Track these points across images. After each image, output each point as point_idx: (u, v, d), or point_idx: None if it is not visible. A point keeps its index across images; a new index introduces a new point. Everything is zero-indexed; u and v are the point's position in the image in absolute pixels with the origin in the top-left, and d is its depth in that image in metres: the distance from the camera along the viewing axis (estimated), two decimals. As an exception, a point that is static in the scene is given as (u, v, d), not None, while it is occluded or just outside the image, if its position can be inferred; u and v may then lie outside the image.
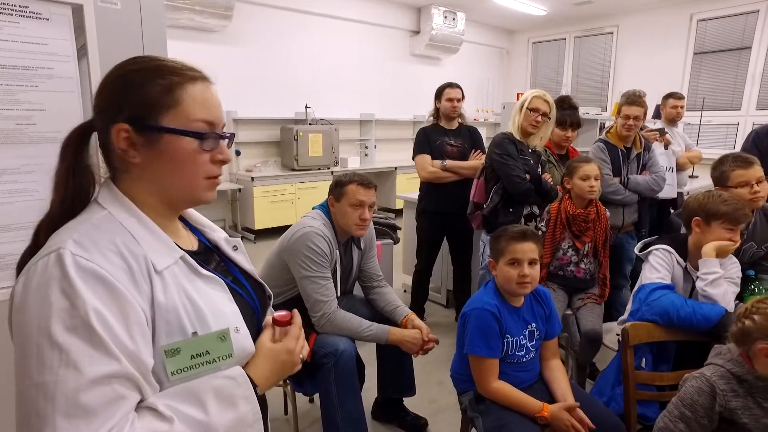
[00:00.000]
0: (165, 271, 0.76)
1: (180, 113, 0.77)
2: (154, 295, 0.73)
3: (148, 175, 0.79)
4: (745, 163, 2.09)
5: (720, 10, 6.68)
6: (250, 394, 0.79)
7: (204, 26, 5.49)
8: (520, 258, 1.65)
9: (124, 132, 0.75)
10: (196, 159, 0.79)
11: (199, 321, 0.77)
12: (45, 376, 0.63)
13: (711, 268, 1.74)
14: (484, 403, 1.67)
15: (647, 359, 1.78)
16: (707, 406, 1.32)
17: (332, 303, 1.89)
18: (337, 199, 1.97)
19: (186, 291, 0.77)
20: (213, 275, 0.84)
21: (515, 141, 2.52)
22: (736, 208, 1.77)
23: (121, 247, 0.72)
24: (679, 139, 4.12)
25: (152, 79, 0.77)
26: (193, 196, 0.82)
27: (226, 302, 0.83)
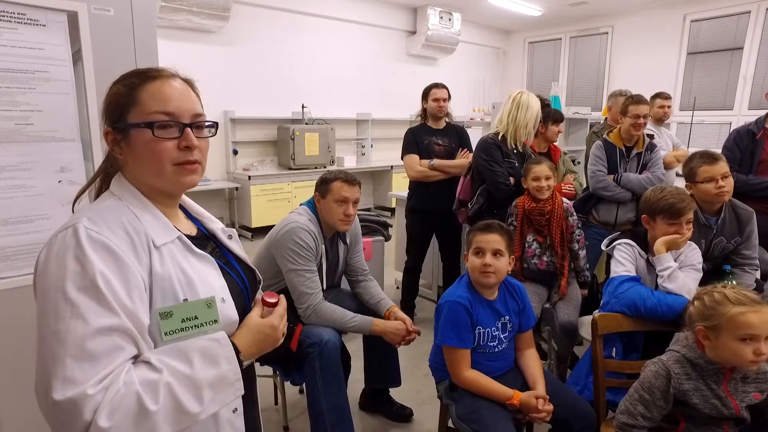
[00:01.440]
0: (163, 247, 0.89)
1: (139, 109, 0.89)
2: (152, 265, 0.85)
3: (133, 167, 0.92)
4: (711, 160, 2.18)
5: (713, 10, 6.76)
6: (231, 355, 0.88)
7: (201, 27, 5.57)
8: (483, 248, 1.73)
9: (109, 134, 0.91)
10: (155, 147, 0.88)
11: (190, 289, 0.89)
12: (59, 324, 0.75)
13: (665, 264, 1.84)
14: (457, 391, 1.75)
15: (617, 349, 1.86)
16: (663, 389, 1.40)
17: (317, 295, 1.98)
18: (323, 196, 2.05)
19: (180, 265, 0.90)
20: (205, 254, 0.96)
21: (500, 145, 2.60)
22: (673, 203, 1.84)
23: (126, 225, 0.86)
24: (667, 138, 4.19)
25: (119, 84, 0.92)
26: (166, 182, 0.92)
27: (215, 277, 0.95)
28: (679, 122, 6.88)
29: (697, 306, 1.39)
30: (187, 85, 0.96)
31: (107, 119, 0.92)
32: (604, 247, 2.07)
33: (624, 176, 2.91)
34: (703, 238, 2.27)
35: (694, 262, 1.94)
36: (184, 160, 0.91)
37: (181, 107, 0.91)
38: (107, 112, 0.92)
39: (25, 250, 1.42)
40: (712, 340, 1.34)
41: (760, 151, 2.91)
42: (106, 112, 0.92)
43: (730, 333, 1.30)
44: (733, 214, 2.29)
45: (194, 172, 0.93)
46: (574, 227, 2.50)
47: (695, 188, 2.23)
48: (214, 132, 0.98)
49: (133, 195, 0.92)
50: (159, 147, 0.89)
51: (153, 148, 0.89)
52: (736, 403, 1.37)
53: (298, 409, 2.48)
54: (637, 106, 2.87)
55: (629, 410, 1.45)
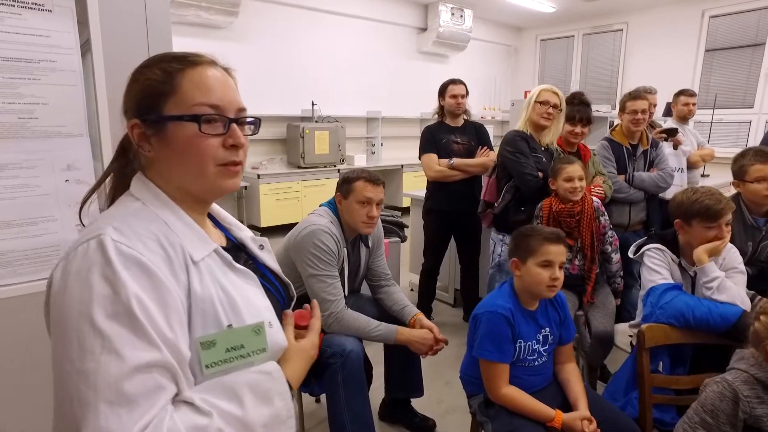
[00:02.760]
0: (201, 262, 0.76)
1: (180, 99, 0.76)
2: (190, 284, 0.73)
3: (165, 167, 0.79)
4: (765, 158, 2.05)
5: (732, 5, 6.58)
6: (285, 390, 0.78)
7: (210, 23, 5.47)
8: (554, 260, 1.59)
9: (136, 127, 0.77)
10: (200, 144, 0.76)
11: (234, 313, 0.77)
12: (87, 362, 0.62)
13: (711, 275, 1.70)
14: (493, 408, 1.62)
15: (664, 362, 1.73)
16: (730, 413, 1.27)
17: (339, 302, 1.86)
18: (345, 196, 1.93)
19: (221, 283, 0.77)
20: (246, 270, 0.84)
21: (527, 138, 2.47)
22: (710, 205, 1.71)
23: (159, 236, 0.73)
24: (691, 137, 4.06)
25: (153, 69, 0.78)
26: (206, 185, 0.79)
27: (259, 296, 0.84)
28: (698, 121, 6.71)
29: (765, 321, 1.26)
30: (227, 74, 0.85)
31: (135, 110, 0.78)
32: (631, 254, 1.94)
33: (636, 176, 2.78)
34: (750, 240, 2.14)
35: (736, 264, 1.81)
36: (230, 160, 0.79)
37: (225, 99, 0.79)
38: (137, 102, 0.78)
39: (29, 255, 1.31)
40: None
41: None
42: (135, 101, 0.78)
43: None
44: None
45: (237, 174, 0.82)
46: (606, 228, 2.36)
47: (743, 187, 2.10)
48: (256, 129, 0.87)
49: (160, 200, 0.78)
50: (204, 144, 0.76)
51: (197, 145, 0.76)
52: (818, 430, 1.24)
53: (315, 419, 2.37)
54: (634, 101, 2.76)
55: (689, 434, 1.33)
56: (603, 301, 2.24)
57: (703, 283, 1.72)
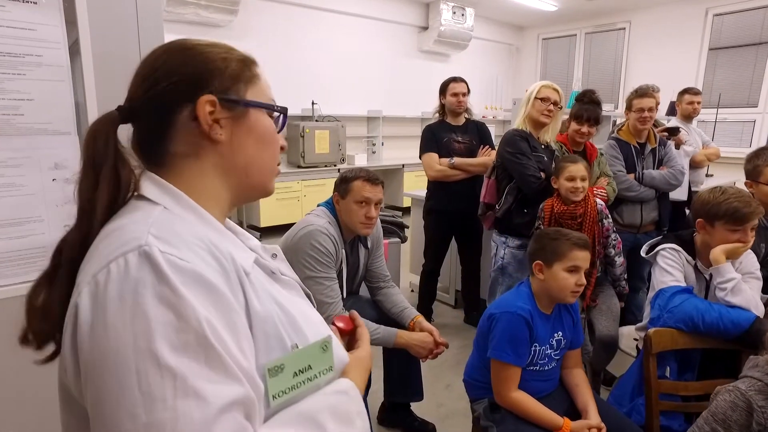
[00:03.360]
0: (251, 275, 0.64)
1: (258, 90, 0.73)
2: (248, 302, 0.60)
3: (230, 158, 0.69)
4: None
5: (737, 4, 6.51)
6: (362, 408, 0.70)
7: (209, 21, 5.42)
8: (580, 266, 1.55)
9: (209, 105, 0.65)
10: (275, 138, 0.74)
11: (295, 332, 0.66)
12: (158, 412, 0.48)
13: (726, 275, 1.64)
14: (499, 413, 1.58)
15: (672, 368, 1.68)
16: (742, 423, 1.21)
17: (338, 305, 1.81)
18: (343, 196, 1.88)
19: (274, 297, 0.66)
20: (290, 279, 0.75)
21: (527, 137, 2.42)
22: (738, 207, 1.64)
23: (209, 244, 0.58)
24: (696, 136, 4.00)
25: (228, 53, 0.71)
26: (267, 184, 0.74)
27: (311, 309, 0.75)
28: (701, 120, 6.64)
29: None
30: None
31: (207, 86, 0.66)
32: (644, 253, 1.88)
33: (646, 174, 2.74)
34: (763, 242, 2.08)
35: (753, 270, 1.76)
36: (279, 161, 0.76)
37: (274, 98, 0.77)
38: (214, 77, 0.67)
39: (13, 257, 1.26)
40: None
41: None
42: (207, 76, 0.66)
43: None
44: None
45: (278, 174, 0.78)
46: (609, 230, 2.30)
47: (757, 188, 2.05)
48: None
49: (181, 203, 0.64)
50: (277, 139, 0.74)
51: (274, 138, 0.73)
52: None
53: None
54: (641, 99, 2.72)
55: (700, 446, 1.27)
56: (607, 305, 2.18)
57: (717, 283, 1.66)
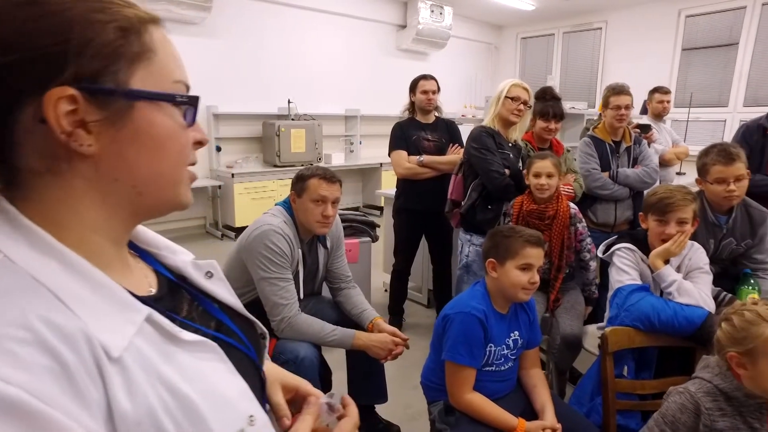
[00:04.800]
0: (125, 354, 0.45)
1: (154, 70, 0.50)
2: (110, 402, 0.43)
3: (109, 172, 0.49)
4: (727, 159, 1.98)
5: (708, 5, 6.60)
6: None
7: (182, 18, 5.31)
8: (533, 264, 1.54)
9: (66, 102, 0.44)
10: (184, 140, 0.54)
11: (192, 425, 0.48)
12: None
13: (667, 279, 1.67)
14: (454, 415, 1.55)
15: (629, 367, 1.67)
16: (690, 425, 1.20)
17: (292, 306, 1.76)
18: (299, 195, 1.84)
19: (162, 377, 0.47)
20: (200, 339, 0.54)
21: (493, 134, 2.40)
22: (661, 198, 1.68)
23: (41, 329, 0.40)
24: (666, 134, 4.04)
25: (103, 11, 0.47)
26: (175, 197, 0.56)
27: (227, 379, 0.55)
28: (675, 119, 6.73)
29: (726, 329, 1.19)
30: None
31: (66, 68, 0.44)
32: (600, 253, 1.89)
33: (620, 172, 2.74)
34: (711, 237, 2.09)
35: (701, 264, 1.77)
36: (193, 161, 0.57)
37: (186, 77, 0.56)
38: (76, 55, 0.44)
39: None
40: (749, 368, 1.14)
41: (770, 147, 2.75)
42: (69, 50, 0.44)
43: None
44: (745, 214, 2.11)
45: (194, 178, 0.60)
46: (583, 235, 2.28)
47: (705, 186, 2.06)
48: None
49: (36, 244, 0.46)
50: (183, 139, 0.54)
51: (180, 139, 0.54)
52: (781, 443, 1.18)
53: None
54: (618, 96, 2.73)
55: (650, 447, 1.26)
56: (572, 303, 2.17)
57: (662, 287, 1.67)
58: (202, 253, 5.33)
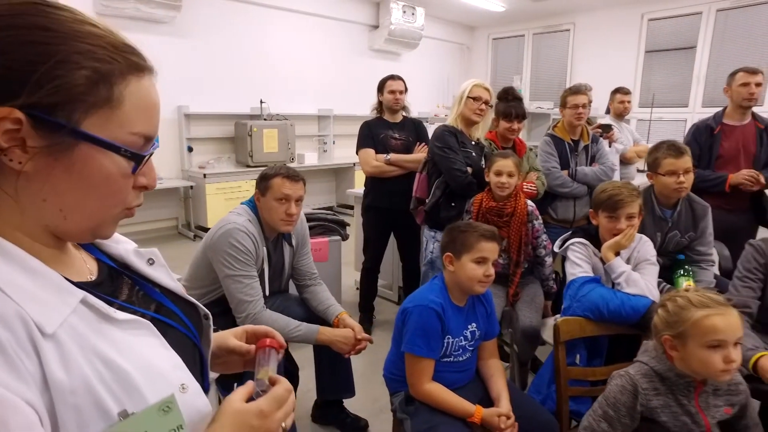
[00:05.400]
0: (59, 331, 0.51)
1: (115, 118, 0.55)
2: (46, 373, 0.49)
3: (35, 193, 0.53)
4: (677, 153, 2.11)
5: (668, 10, 6.84)
6: None
7: (151, 17, 5.25)
8: (488, 257, 1.59)
9: (9, 122, 0.49)
10: (119, 184, 0.57)
11: (126, 392, 0.54)
12: None
13: (618, 270, 1.76)
14: (414, 404, 1.61)
15: (581, 355, 1.76)
16: (629, 405, 1.29)
17: (257, 303, 1.80)
18: (263, 194, 1.88)
19: (98, 351, 0.53)
20: (132, 317, 0.60)
21: (456, 133, 2.48)
22: (610, 195, 1.78)
23: None
24: (627, 133, 4.19)
25: (78, 53, 0.51)
26: (95, 231, 0.60)
27: (160, 352, 0.61)
28: (639, 119, 6.96)
29: (661, 314, 1.28)
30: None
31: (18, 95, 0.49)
32: (557, 248, 1.98)
33: (579, 170, 2.85)
34: (658, 230, 2.20)
35: (648, 257, 1.87)
36: (136, 204, 0.62)
37: (157, 128, 0.61)
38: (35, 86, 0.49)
39: None
40: (680, 350, 1.23)
41: (717, 146, 2.89)
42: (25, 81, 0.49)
43: (698, 340, 1.19)
44: (689, 208, 2.23)
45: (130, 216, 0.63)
46: (539, 232, 2.37)
47: (656, 179, 2.17)
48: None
49: None
50: (124, 185, 0.58)
51: (116, 184, 0.57)
52: (707, 419, 1.27)
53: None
54: (575, 96, 2.84)
55: (592, 427, 1.34)
56: (531, 297, 2.25)
57: (613, 278, 1.76)
58: (174, 254, 5.29)
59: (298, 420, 2.30)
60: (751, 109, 2.89)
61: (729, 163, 2.87)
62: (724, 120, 2.93)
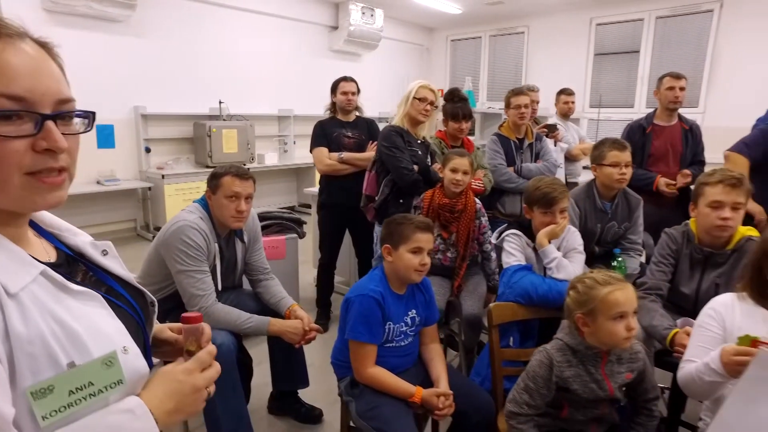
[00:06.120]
0: (21, 293, 0.62)
1: None
2: (8, 325, 0.58)
3: None
4: (621, 147, 2.34)
5: (614, 15, 7.19)
6: (150, 426, 0.67)
7: (105, 15, 5.16)
8: (423, 247, 1.70)
9: None
10: (4, 149, 0.60)
11: (75, 348, 0.64)
12: None
13: (550, 256, 1.91)
14: (358, 387, 1.71)
15: (515, 338, 1.90)
16: (546, 377, 1.43)
17: (209, 297, 1.87)
18: (214, 192, 1.95)
19: (53, 313, 0.63)
20: (86, 290, 0.70)
21: (402, 133, 2.59)
22: (546, 193, 1.93)
23: None
24: (574, 132, 4.42)
25: None
26: (13, 200, 0.64)
27: (107, 319, 0.70)
28: (590, 119, 7.27)
29: (573, 295, 1.44)
30: (45, 53, 0.65)
31: None
32: (494, 239, 2.12)
33: (524, 167, 3.02)
34: (599, 222, 2.39)
35: (576, 245, 2.03)
36: (44, 167, 0.63)
37: (37, 88, 0.62)
38: None
39: None
40: (590, 325, 1.39)
41: (649, 145, 3.12)
42: None
43: (604, 314, 1.35)
44: (625, 200, 2.43)
45: (59, 186, 0.66)
46: (485, 228, 2.50)
47: (600, 170, 2.35)
48: (89, 126, 0.71)
49: None
50: (3, 149, 0.60)
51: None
52: (611, 384, 1.43)
53: (200, 419, 2.35)
54: (517, 97, 3.02)
55: (515, 399, 1.47)
56: (474, 287, 2.39)
57: (545, 263, 1.91)
58: (133, 255, 5.19)
59: (255, 413, 2.37)
60: (677, 110, 3.13)
61: (659, 160, 3.11)
62: (655, 121, 3.16)
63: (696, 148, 3.12)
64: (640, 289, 1.94)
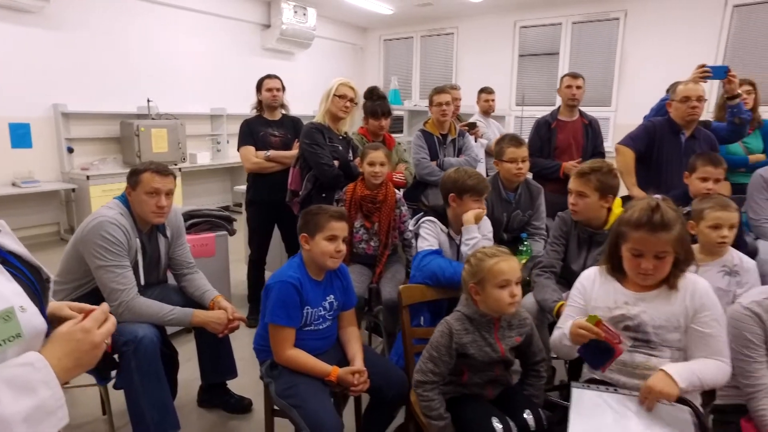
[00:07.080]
0: None
1: None
2: None
3: None
4: (517, 144, 2.54)
5: (536, 19, 7.65)
6: (51, 378, 0.72)
7: (17, 6, 4.91)
8: (338, 235, 1.80)
9: None
10: None
11: None
12: None
13: (471, 234, 2.09)
14: (277, 369, 1.80)
15: (425, 317, 2.07)
16: (447, 345, 1.60)
17: (130, 291, 1.90)
18: (133, 188, 1.98)
19: None
20: None
21: (323, 129, 2.71)
22: (479, 182, 2.12)
23: None
24: (494, 128, 4.69)
25: None
26: None
27: (5, 283, 0.76)
28: (516, 116, 7.66)
29: (467, 268, 1.62)
30: None
31: None
32: (411, 226, 2.28)
33: (446, 161, 3.21)
34: (504, 211, 2.60)
35: (486, 233, 2.23)
36: None
37: None
38: None
39: None
40: (481, 294, 1.57)
41: (555, 138, 3.40)
42: None
43: (491, 282, 1.54)
44: (527, 190, 2.66)
45: None
46: (406, 217, 2.66)
47: (501, 165, 2.56)
48: None
49: None
50: None
51: None
52: (503, 346, 1.61)
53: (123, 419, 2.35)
54: (439, 95, 3.21)
55: (422, 368, 1.63)
56: (393, 273, 2.54)
57: (464, 239, 2.08)
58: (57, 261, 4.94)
59: (184, 407, 2.40)
60: (577, 107, 3.43)
61: (564, 153, 3.40)
62: (559, 117, 3.46)
63: (596, 140, 3.44)
64: (537, 267, 2.16)
